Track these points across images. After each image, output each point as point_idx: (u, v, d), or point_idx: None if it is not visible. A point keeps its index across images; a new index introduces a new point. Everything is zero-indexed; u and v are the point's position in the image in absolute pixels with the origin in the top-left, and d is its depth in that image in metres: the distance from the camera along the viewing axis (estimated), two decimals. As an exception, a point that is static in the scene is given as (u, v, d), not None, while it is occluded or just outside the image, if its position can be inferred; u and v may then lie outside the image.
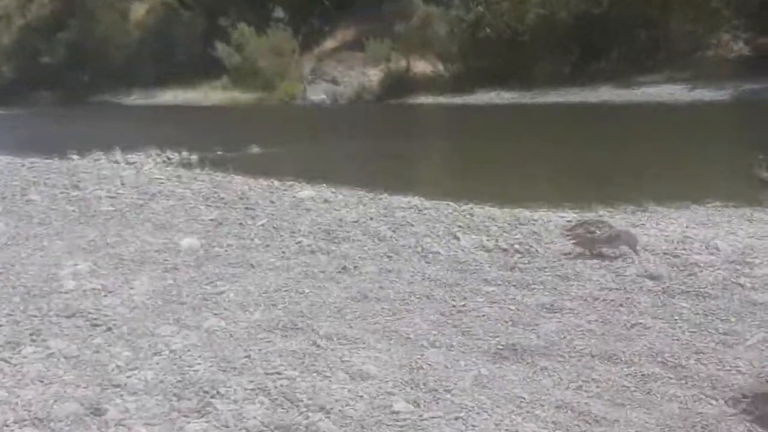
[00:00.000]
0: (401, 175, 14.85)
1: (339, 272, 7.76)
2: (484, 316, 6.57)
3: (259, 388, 5.31)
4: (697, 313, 6.50)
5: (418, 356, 5.79)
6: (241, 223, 9.75)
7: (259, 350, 5.91)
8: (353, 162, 15.94)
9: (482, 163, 16.00)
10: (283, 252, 8.52)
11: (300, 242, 8.77)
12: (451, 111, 37.15)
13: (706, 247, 8.23)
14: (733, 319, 6.37)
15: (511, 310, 6.67)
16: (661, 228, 9.53)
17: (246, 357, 5.79)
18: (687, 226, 9.66)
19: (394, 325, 6.38)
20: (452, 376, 5.47)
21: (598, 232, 8.14)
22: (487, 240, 8.55)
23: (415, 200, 10.49)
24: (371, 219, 9.52)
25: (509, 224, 9.24)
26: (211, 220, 9.94)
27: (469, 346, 5.99)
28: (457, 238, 8.61)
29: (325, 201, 10.88)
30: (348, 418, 4.92)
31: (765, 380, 5.37)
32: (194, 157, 19.16)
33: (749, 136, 16.16)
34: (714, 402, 5.14)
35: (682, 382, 5.39)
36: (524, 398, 5.18)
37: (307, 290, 7.28)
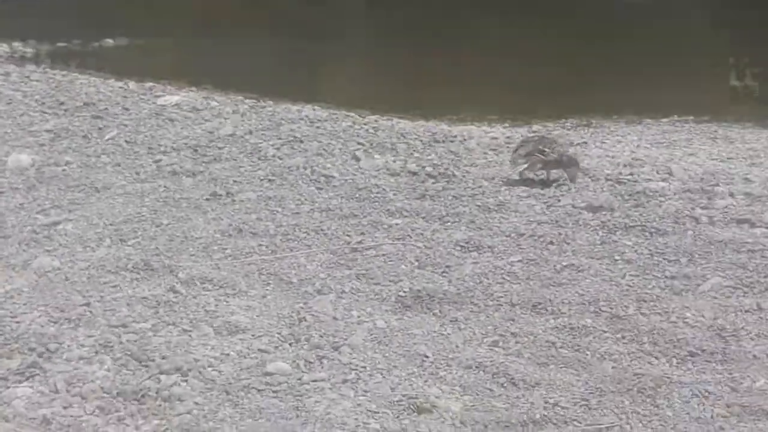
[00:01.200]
0: (295, 77, 14.71)
1: (207, 200, 7.72)
2: (384, 255, 6.63)
3: (99, 345, 5.29)
4: (642, 253, 6.68)
5: (301, 305, 5.83)
6: (85, 136, 9.58)
7: (102, 297, 5.87)
8: (240, 59, 15.70)
9: (395, 65, 15.92)
10: (137, 173, 8.42)
11: (159, 161, 8.67)
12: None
13: (658, 172, 8.41)
14: (684, 261, 6.56)
15: (419, 248, 6.75)
16: (606, 148, 9.70)
17: (85, 305, 5.75)
18: (638, 146, 9.84)
19: (273, 267, 6.40)
20: (342, 330, 5.54)
21: (548, 152, 8.22)
22: (394, 161, 8.59)
23: (308, 110, 10.42)
24: (250, 133, 9.44)
25: (422, 142, 9.27)
26: (47, 131, 9.73)
27: (364, 292, 6.06)
28: (357, 159, 8.62)
29: (194, 109, 10.74)
30: (210, 382, 4.95)
31: (716, 334, 5.57)
32: (29, 49, 18.64)
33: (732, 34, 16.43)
34: (655, 361, 5.32)
35: (619, 336, 5.56)
36: (428, 357, 5.28)
37: (165, 222, 7.22)
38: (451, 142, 9.42)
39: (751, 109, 12.04)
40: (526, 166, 8.19)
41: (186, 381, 4.95)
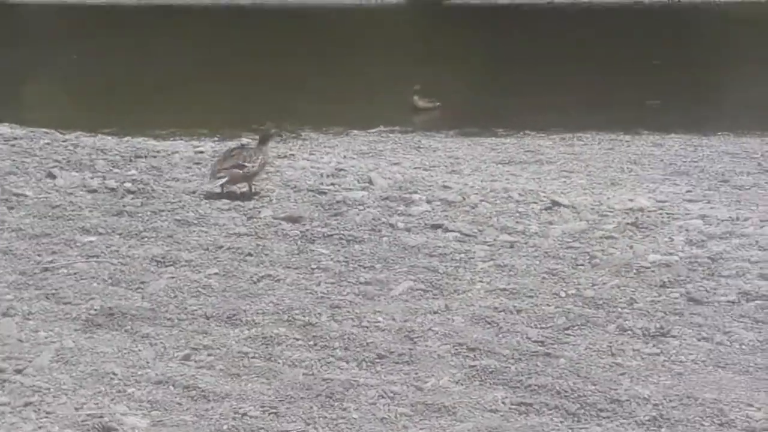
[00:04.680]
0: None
1: None
2: (77, 274, 6.55)
3: None
4: (339, 261, 6.87)
5: (-14, 329, 5.68)
6: None
7: None
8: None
9: (103, 81, 15.72)
10: None
11: None
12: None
13: (360, 182, 8.66)
14: (379, 266, 6.80)
15: (114, 265, 6.70)
16: (313, 159, 9.92)
17: None
18: (345, 157, 10.13)
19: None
20: (27, 352, 5.45)
21: (249, 165, 8.27)
22: (92, 178, 8.48)
23: (3, 128, 10.14)
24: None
25: (123, 157, 9.19)
26: None
27: (53, 312, 5.97)
28: (53, 176, 8.46)
29: None
30: None
31: (405, 336, 5.81)
32: None
33: (419, 48, 17.04)
34: (345, 365, 5.49)
35: (311, 343, 5.71)
36: (116, 374, 5.27)
37: None
38: (154, 157, 9.37)
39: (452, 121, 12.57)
40: (226, 179, 8.25)
41: None
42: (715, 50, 16.01)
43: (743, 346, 5.71)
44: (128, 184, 8.34)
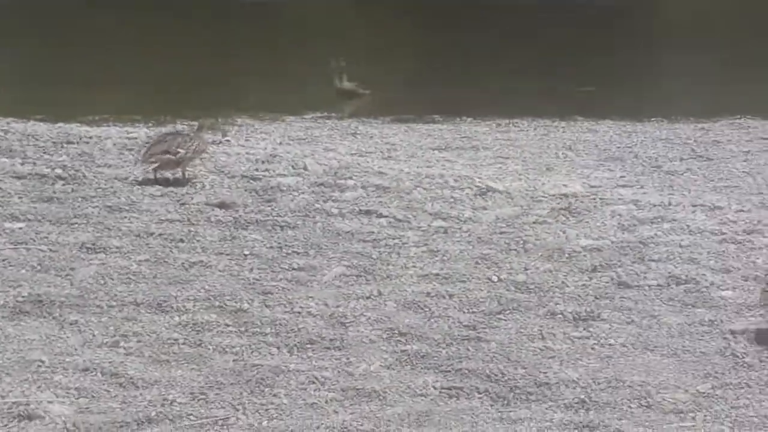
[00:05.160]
0: None
1: None
2: (5, 260, 6.50)
3: None
4: (271, 247, 6.86)
5: None
6: None
7: None
8: None
9: (30, 65, 15.53)
10: None
11: None
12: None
13: (294, 168, 8.64)
14: (311, 252, 6.80)
15: (42, 251, 6.65)
16: (249, 145, 9.87)
17: None
18: (280, 143, 10.09)
19: None
20: (-50, 343, 5.38)
21: (182, 151, 8.23)
22: (22, 164, 8.39)
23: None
24: None
25: (54, 143, 9.09)
26: None
27: (-20, 300, 5.91)
28: (-20, 164, 8.37)
29: None
30: None
31: (337, 321, 5.82)
32: None
33: (358, 34, 17.05)
34: (275, 351, 5.50)
35: (242, 330, 5.70)
36: (43, 362, 5.22)
37: None
38: (86, 143, 9.28)
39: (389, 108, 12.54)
40: (157, 164, 8.20)
41: None
42: (648, 36, 16.16)
43: (671, 330, 5.79)
44: (59, 171, 8.26)
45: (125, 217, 7.33)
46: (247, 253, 6.75)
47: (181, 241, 6.90)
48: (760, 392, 5.13)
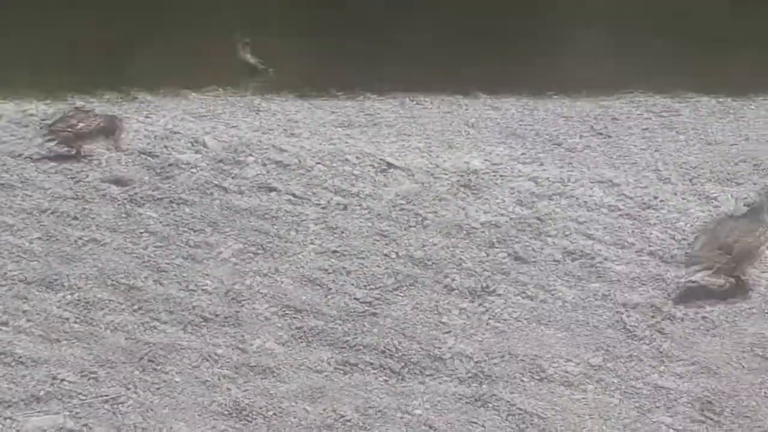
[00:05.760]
0: None
1: None
2: None
3: None
4: (167, 224, 6.80)
5: None
6: None
7: None
8: None
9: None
10: None
11: None
12: None
13: (193, 144, 8.57)
14: (208, 230, 6.75)
15: (-70, 229, 6.52)
16: (149, 122, 9.74)
17: None
18: (182, 119, 9.97)
19: None
20: None
21: (81, 125, 8.15)
22: None
23: None
24: None
25: (-55, 120, 8.93)
26: None
27: None
28: None
29: None
30: None
31: (232, 299, 5.79)
32: None
33: (262, 10, 16.90)
34: (168, 329, 5.46)
35: (135, 308, 5.66)
36: (-71, 341, 5.13)
37: None
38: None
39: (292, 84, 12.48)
40: (55, 141, 8.09)
41: None
42: (552, 12, 16.29)
43: (565, 304, 5.87)
44: (-52, 148, 8.10)
45: (18, 195, 7.21)
46: (142, 230, 6.68)
47: (75, 218, 6.81)
48: (649, 365, 5.24)
